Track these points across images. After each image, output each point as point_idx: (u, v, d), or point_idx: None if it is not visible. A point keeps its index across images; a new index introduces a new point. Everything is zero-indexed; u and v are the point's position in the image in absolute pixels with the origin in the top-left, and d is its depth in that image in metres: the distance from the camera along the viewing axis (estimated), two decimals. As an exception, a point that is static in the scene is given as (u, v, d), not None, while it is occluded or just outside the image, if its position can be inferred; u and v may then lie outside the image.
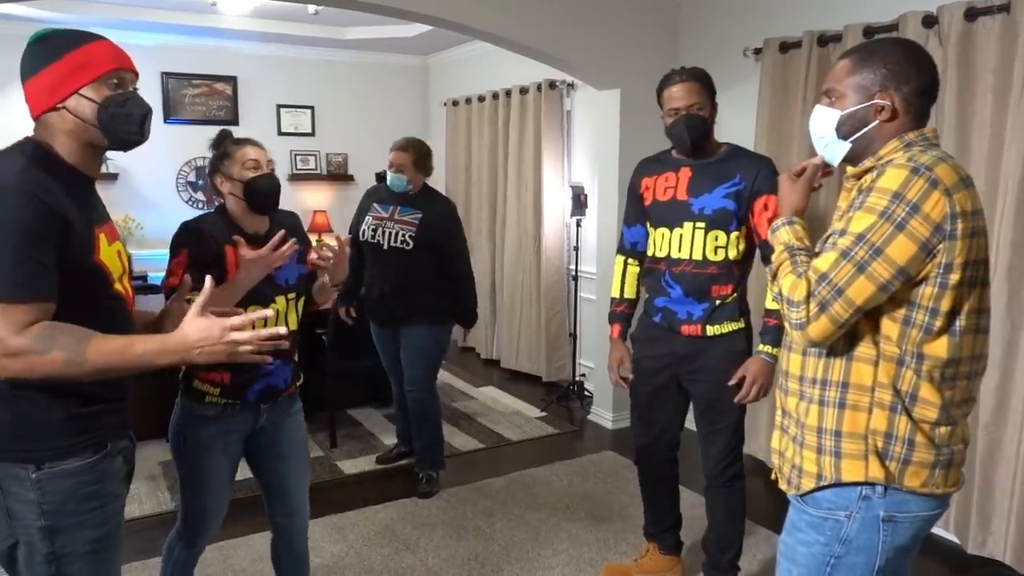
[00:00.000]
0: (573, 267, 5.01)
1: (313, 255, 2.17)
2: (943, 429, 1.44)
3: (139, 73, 1.55)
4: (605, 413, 4.54)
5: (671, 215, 2.46)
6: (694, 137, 2.39)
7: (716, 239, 2.40)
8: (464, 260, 3.55)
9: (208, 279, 1.45)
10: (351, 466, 3.88)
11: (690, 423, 2.66)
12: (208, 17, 5.56)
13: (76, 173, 1.48)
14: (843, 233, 1.39)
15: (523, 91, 5.37)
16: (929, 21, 2.96)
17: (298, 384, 2.26)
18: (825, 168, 1.63)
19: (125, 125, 1.47)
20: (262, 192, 2.08)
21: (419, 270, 3.40)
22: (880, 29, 3.13)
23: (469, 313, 3.63)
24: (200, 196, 6.27)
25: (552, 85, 5.11)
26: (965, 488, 2.95)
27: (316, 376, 4.23)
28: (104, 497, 1.53)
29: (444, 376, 5.55)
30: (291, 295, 2.14)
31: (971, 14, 2.83)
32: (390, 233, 3.39)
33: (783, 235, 1.55)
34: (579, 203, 4.73)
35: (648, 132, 4.23)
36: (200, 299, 1.39)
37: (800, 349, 1.55)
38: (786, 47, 3.56)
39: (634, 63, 4.18)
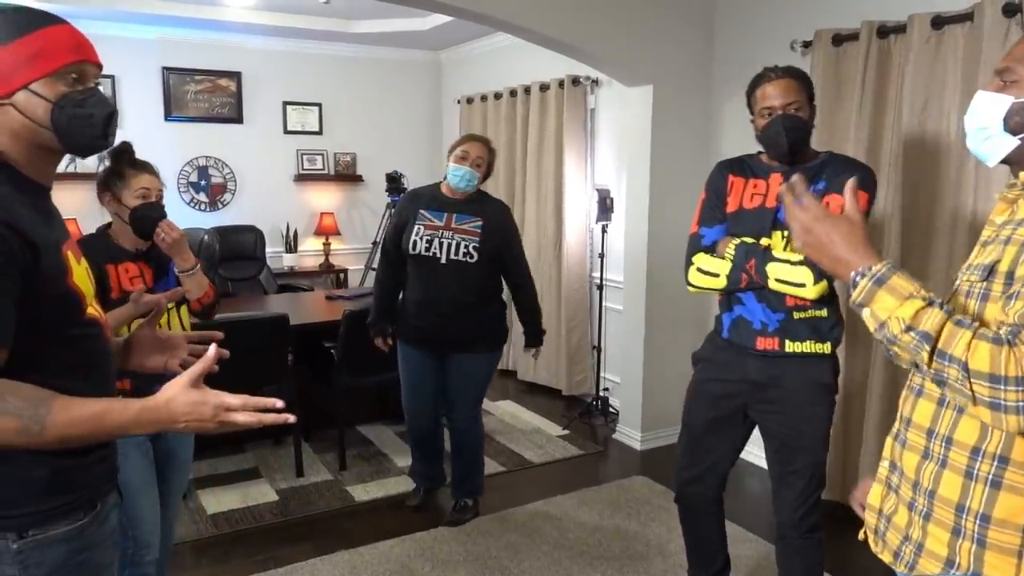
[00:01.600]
0: (597, 275, 4.71)
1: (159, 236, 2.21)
2: None
3: (103, 66, 1.28)
4: (633, 432, 4.24)
5: (758, 223, 2.17)
6: (792, 139, 2.09)
7: (792, 250, 2.10)
8: (528, 270, 3.26)
9: (212, 348, 1.22)
10: (363, 491, 3.59)
11: (756, 458, 2.37)
12: (211, 9, 5.29)
13: (31, 183, 1.22)
14: None
15: (543, 88, 5.07)
16: (1010, 10, 2.66)
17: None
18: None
19: (85, 128, 1.21)
20: (148, 220, 2.17)
21: (483, 287, 3.06)
22: (953, 19, 2.83)
23: (540, 332, 3.32)
24: (203, 197, 6.00)
25: (575, 81, 4.81)
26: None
27: (325, 392, 3.96)
28: (95, 567, 1.29)
29: (458, 388, 5.27)
30: (170, 304, 2.16)
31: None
32: (449, 244, 2.98)
33: (900, 285, 1.13)
34: (605, 207, 4.44)
35: (682, 132, 3.97)
36: (195, 369, 1.17)
37: (937, 398, 1.23)
38: (840, 39, 3.26)
39: (667, 58, 3.88)
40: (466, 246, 2.98)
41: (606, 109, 4.83)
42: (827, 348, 2.16)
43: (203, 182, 6.00)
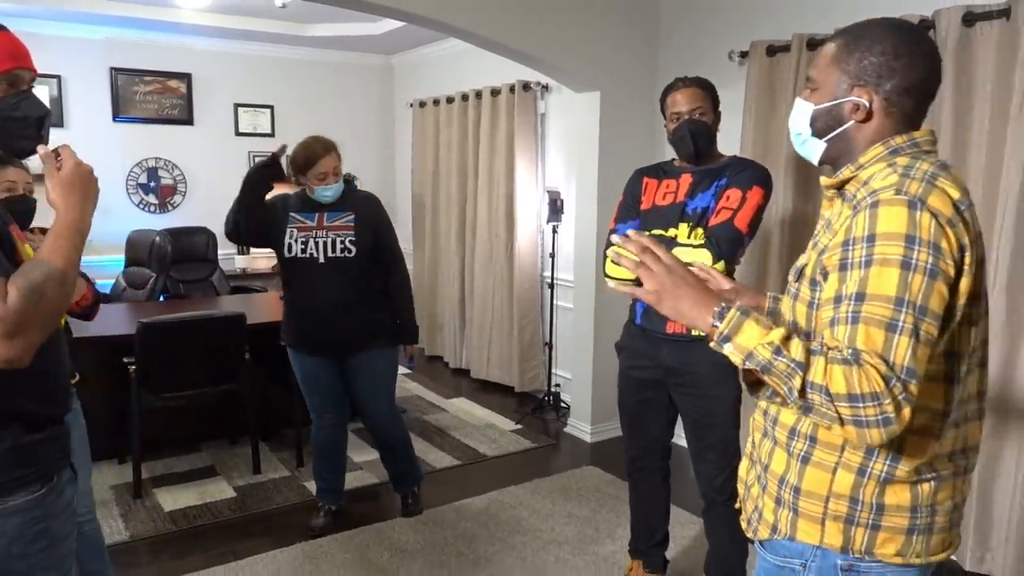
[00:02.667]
0: (548, 274, 4.86)
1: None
2: (925, 487, 1.25)
3: (37, 72, 1.38)
4: (583, 425, 4.40)
5: (668, 216, 2.38)
6: (697, 141, 2.35)
7: (697, 237, 2.31)
8: (403, 261, 3.19)
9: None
10: (320, 487, 3.65)
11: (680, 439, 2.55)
12: (162, 11, 5.28)
13: None
14: (861, 298, 1.12)
15: (494, 92, 5.21)
16: (925, 26, 2.89)
17: (74, 382, 2.25)
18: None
19: (19, 130, 1.31)
20: (15, 214, 2.17)
21: (367, 281, 3.02)
22: (874, 33, 3.05)
23: (414, 329, 3.21)
24: (153, 199, 5.95)
25: (526, 87, 4.96)
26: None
27: (281, 391, 4.01)
28: (53, 536, 1.37)
29: (413, 387, 5.36)
30: None
31: (969, 19, 2.76)
32: (325, 243, 2.94)
33: (750, 336, 1.17)
34: (556, 209, 4.59)
35: (628, 136, 4.14)
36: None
37: None
38: (773, 50, 3.47)
39: (614, 66, 4.05)
40: (342, 241, 2.95)
41: (556, 114, 4.99)
42: None
43: (153, 184, 5.96)
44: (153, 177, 5.95)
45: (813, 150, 1.36)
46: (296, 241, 2.98)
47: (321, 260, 2.95)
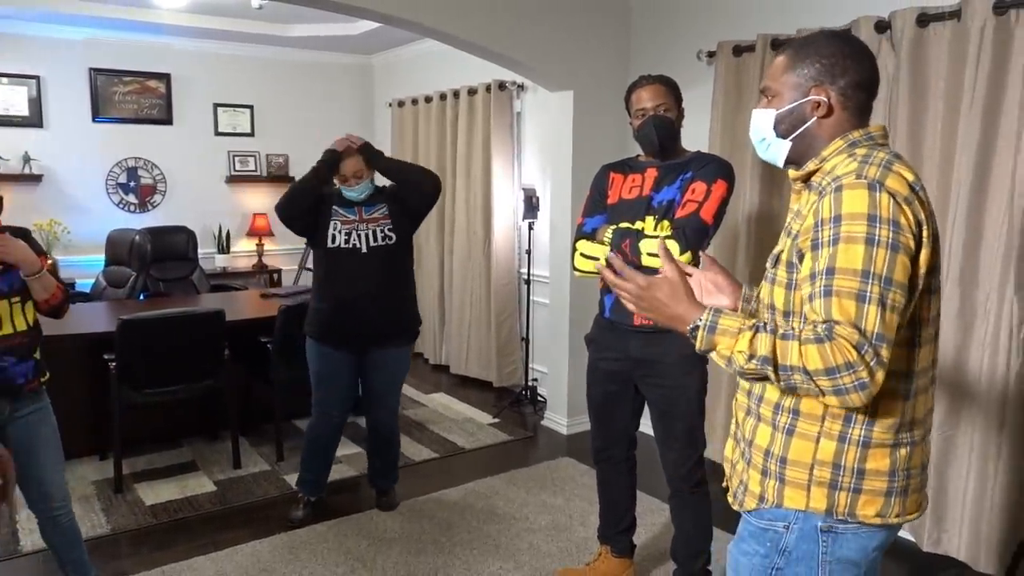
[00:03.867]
0: (525, 270, 4.94)
1: None
2: (903, 451, 1.37)
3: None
4: (560, 419, 4.48)
5: (634, 210, 2.46)
6: (661, 136, 2.42)
7: (663, 229, 2.39)
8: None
9: None
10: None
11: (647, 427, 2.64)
12: (140, 11, 5.31)
13: None
14: (831, 272, 1.25)
15: (471, 92, 5.28)
16: (882, 26, 3.00)
17: (43, 380, 2.40)
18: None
19: None
20: None
21: (404, 270, 3.20)
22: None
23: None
24: (132, 199, 5.98)
25: (502, 86, 5.04)
26: (920, 487, 3.00)
27: (262, 386, 4.07)
28: None
29: (393, 383, 5.42)
30: (14, 299, 2.28)
31: (923, 20, 2.87)
32: (367, 235, 3.08)
33: (728, 325, 1.34)
34: (531, 206, 4.67)
35: (601, 134, 4.22)
36: None
37: None
38: (740, 50, 3.57)
39: (587, 65, 4.14)
40: (382, 230, 3.10)
41: (531, 113, 5.07)
42: None
43: (132, 183, 5.98)
44: (133, 177, 5.98)
45: (778, 151, 1.49)
46: (340, 232, 3.09)
47: (364, 250, 3.08)
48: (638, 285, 1.45)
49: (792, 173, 1.47)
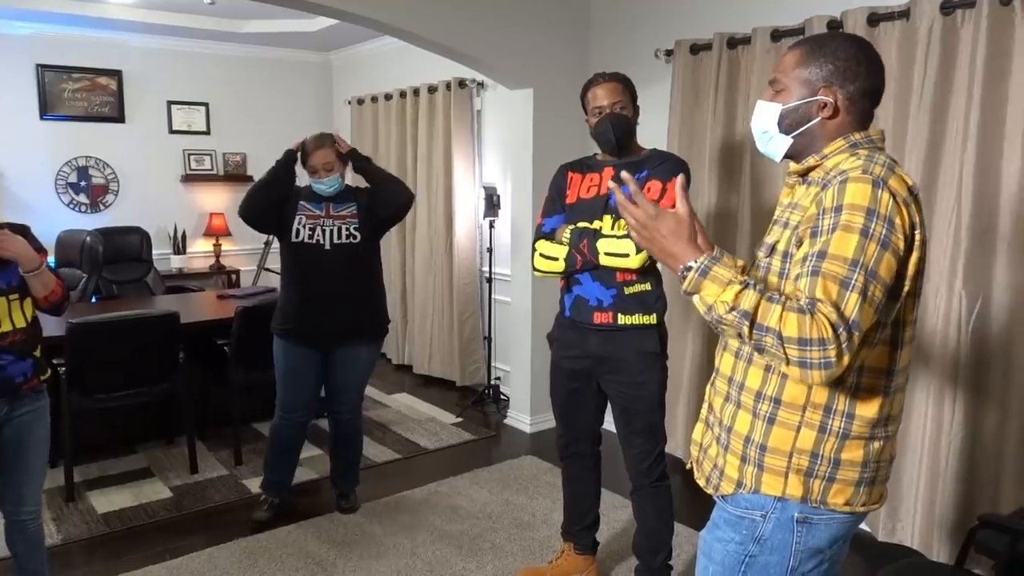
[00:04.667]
0: (487, 269, 4.92)
1: None
2: (876, 444, 1.42)
3: None
4: (523, 417, 4.48)
5: (592, 209, 2.46)
6: (618, 134, 2.43)
7: (620, 228, 2.39)
8: None
9: None
10: (258, 484, 3.64)
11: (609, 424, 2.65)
12: (89, 6, 5.17)
13: None
14: (823, 256, 1.27)
15: (431, 90, 5.25)
16: (834, 25, 3.04)
17: (43, 378, 2.37)
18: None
19: None
20: None
21: (370, 270, 3.17)
22: (788, 32, 3.20)
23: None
24: (84, 199, 5.82)
25: (462, 84, 5.01)
26: (875, 479, 3.05)
27: (219, 389, 3.99)
28: None
29: (355, 384, 5.36)
30: (12, 296, 2.25)
31: (873, 19, 2.92)
32: (332, 231, 3.05)
33: (720, 274, 1.33)
34: (492, 204, 4.65)
35: (561, 132, 4.22)
36: None
37: (734, 350, 1.50)
38: (696, 49, 3.60)
39: (546, 63, 4.14)
40: (347, 228, 3.07)
41: (491, 110, 5.06)
42: (653, 319, 2.47)
43: (83, 183, 5.83)
44: (84, 176, 5.82)
45: (779, 146, 1.50)
46: (304, 227, 3.06)
47: (327, 247, 3.05)
48: (647, 214, 1.41)
49: (793, 167, 1.49)
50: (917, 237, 1.33)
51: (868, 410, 1.40)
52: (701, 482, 1.59)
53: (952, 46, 2.73)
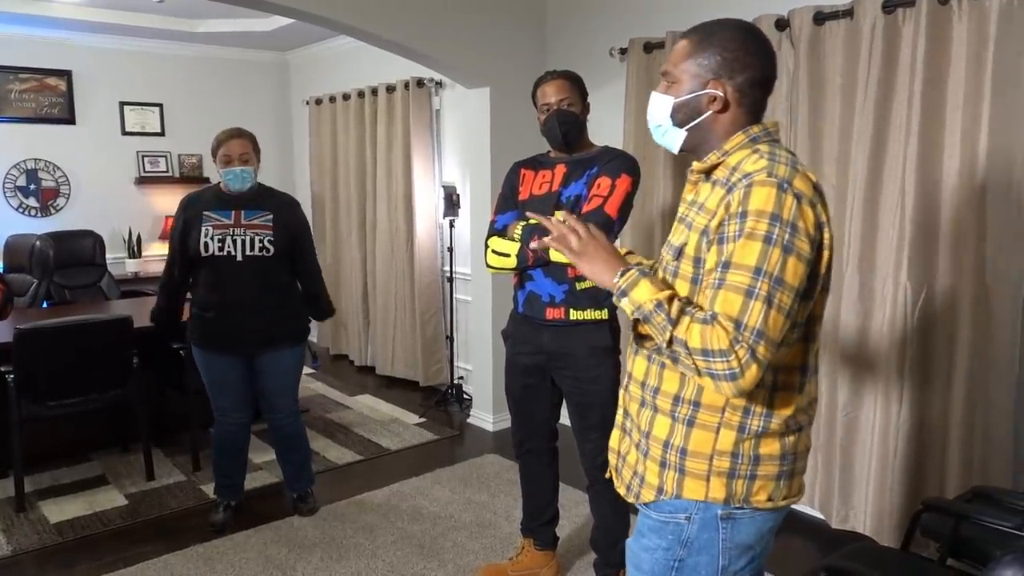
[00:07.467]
0: (448, 268, 4.92)
1: None
2: (791, 438, 1.42)
3: None
4: (485, 415, 4.48)
5: (544, 205, 2.47)
6: (564, 130, 2.46)
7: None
8: (317, 263, 3.35)
9: None
10: (217, 489, 3.60)
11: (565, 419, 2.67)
12: (36, 5, 5.04)
13: None
14: (727, 266, 1.28)
15: (390, 89, 5.22)
16: (781, 24, 3.10)
17: None
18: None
19: None
20: None
21: (281, 281, 3.10)
22: (737, 31, 3.25)
23: (329, 306, 3.40)
24: (33, 202, 5.68)
25: (420, 83, 5.00)
26: (828, 466, 3.12)
27: (176, 394, 3.93)
28: None
29: (317, 386, 5.32)
30: None
31: (819, 18, 2.98)
32: (243, 241, 2.96)
33: (642, 293, 1.36)
34: (452, 203, 4.65)
35: (518, 131, 4.23)
36: None
37: (647, 355, 1.49)
38: (650, 47, 3.64)
39: (503, 62, 4.15)
40: (261, 240, 2.98)
41: (450, 110, 5.05)
42: (604, 314, 2.49)
43: (33, 186, 5.69)
44: (33, 179, 5.68)
45: (674, 139, 1.47)
46: (213, 240, 2.96)
47: (239, 258, 2.97)
48: (590, 234, 1.48)
49: (696, 165, 1.46)
50: (826, 235, 1.33)
51: (786, 406, 1.40)
52: (622, 491, 1.56)
53: (894, 44, 2.80)
